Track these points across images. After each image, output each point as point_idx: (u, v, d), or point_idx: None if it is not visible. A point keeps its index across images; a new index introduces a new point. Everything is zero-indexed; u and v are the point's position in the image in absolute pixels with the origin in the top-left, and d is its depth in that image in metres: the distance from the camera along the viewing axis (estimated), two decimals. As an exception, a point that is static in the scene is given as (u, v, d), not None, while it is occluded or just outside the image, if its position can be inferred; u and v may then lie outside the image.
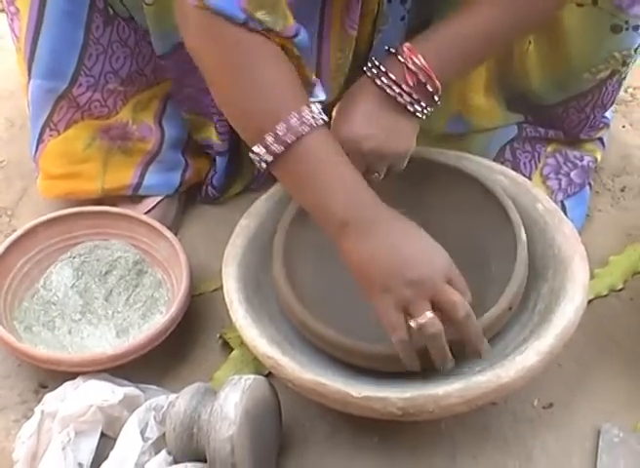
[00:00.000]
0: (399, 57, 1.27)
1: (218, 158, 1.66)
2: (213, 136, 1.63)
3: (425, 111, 1.29)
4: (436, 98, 1.28)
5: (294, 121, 1.18)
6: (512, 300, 1.26)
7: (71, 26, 1.44)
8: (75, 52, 1.46)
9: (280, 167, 1.21)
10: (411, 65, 1.25)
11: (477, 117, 1.62)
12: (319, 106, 1.22)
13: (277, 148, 1.18)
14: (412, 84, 1.26)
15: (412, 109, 1.28)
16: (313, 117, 1.19)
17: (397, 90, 1.26)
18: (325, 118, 1.21)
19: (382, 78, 1.27)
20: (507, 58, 1.55)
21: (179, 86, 1.57)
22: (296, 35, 1.23)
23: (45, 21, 1.43)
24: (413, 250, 1.18)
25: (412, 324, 1.14)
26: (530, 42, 1.52)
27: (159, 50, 1.48)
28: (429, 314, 1.14)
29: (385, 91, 1.27)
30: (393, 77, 1.26)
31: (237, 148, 1.67)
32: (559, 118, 1.65)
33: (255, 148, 1.21)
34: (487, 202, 1.36)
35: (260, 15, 1.17)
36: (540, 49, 1.54)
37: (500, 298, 1.24)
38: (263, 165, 1.21)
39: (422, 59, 1.25)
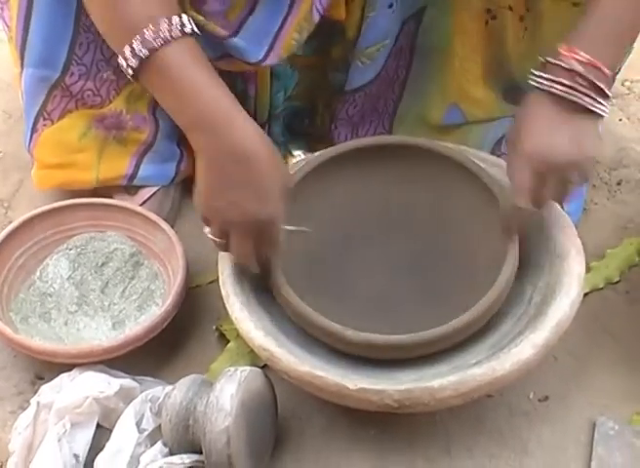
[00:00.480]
0: (561, 62, 1.23)
1: None
2: None
3: (605, 107, 1.25)
4: (608, 90, 1.24)
5: (148, 34, 1.17)
6: (502, 292, 1.26)
7: (61, 14, 1.43)
8: (66, 40, 1.45)
9: (142, 79, 1.22)
10: (577, 65, 1.22)
11: (474, 108, 1.62)
12: (185, 19, 1.19)
13: (133, 63, 1.19)
14: (586, 83, 1.22)
15: (594, 109, 1.23)
16: (170, 30, 1.18)
17: (576, 93, 1.22)
18: (187, 30, 1.19)
19: (557, 86, 1.23)
20: (501, 47, 1.56)
21: None
22: None
23: (35, 10, 1.41)
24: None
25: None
26: (525, 29, 1.52)
27: None
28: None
29: (565, 98, 1.23)
30: (567, 82, 1.22)
31: None
32: None
33: (119, 60, 1.21)
34: (482, 197, 1.36)
35: None
36: (533, 37, 1.54)
37: (492, 288, 1.25)
38: (129, 75, 1.22)
39: (585, 54, 1.22)
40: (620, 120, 1.91)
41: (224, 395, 1.20)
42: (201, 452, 1.21)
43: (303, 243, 1.39)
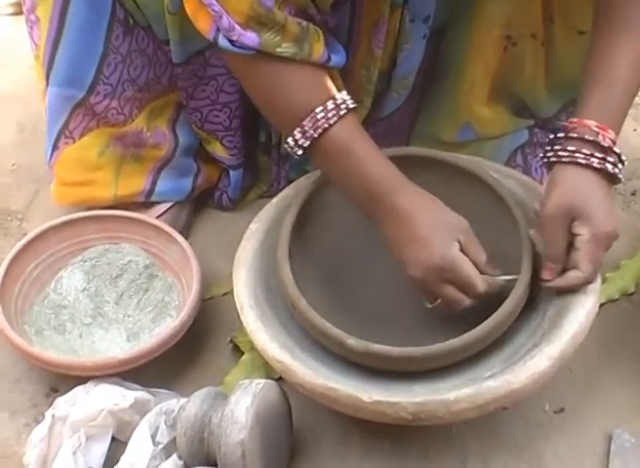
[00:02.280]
0: (584, 134, 1.25)
1: (231, 172, 1.67)
2: (219, 151, 1.64)
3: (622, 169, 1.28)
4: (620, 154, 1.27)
5: (319, 116, 1.25)
6: (517, 304, 1.26)
7: (91, 36, 1.44)
8: (94, 61, 1.46)
9: (311, 155, 1.31)
10: (601, 138, 1.24)
11: (485, 126, 1.63)
12: (344, 96, 1.28)
13: (304, 142, 1.27)
14: (612, 154, 1.25)
15: (620, 175, 1.27)
16: (337, 110, 1.26)
17: (605, 164, 1.24)
18: (350, 106, 1.27)
19: (592, 159, 1.24)
20: (517, 72, 1.56)
21: (188, 97, 1.57)
22: (325, 62, 1.28)
23: (65, 30, 1.43)
24: (422, 232, 1.24)
25: (427, 305, 1.28)
26: (545, 54, 1.53)
27: (176, 57, 1.49)
28: (438, 300, 1.26)
29: (601, 169, 1.24)
30: (598, 154, 1.24)
31: (252, 160, 1.68)
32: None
33: (288, 140, 1.30)
34: (496, 207, 1.36)
35: (280, 49, 1.24)
36: (548, 62, 1.55)
37: (506, 301, 1.25)
38: (296, 155, 1.30)
39: (595, 123, 1.25)
40: (635, 130, 1.90)
41: (239, 408, 1.20)
42: (216, 465, 1.21)
43: (317, 254, 1.39)
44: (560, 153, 1.25)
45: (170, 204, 1.65)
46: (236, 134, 1.62)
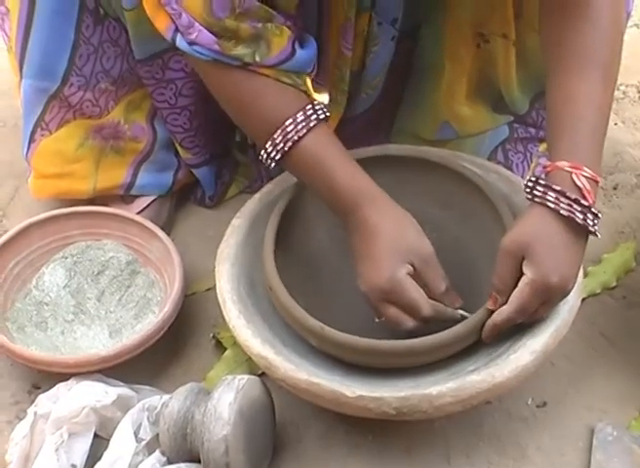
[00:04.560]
0: (557, 178, 1.20)
1: (196, 171, 1.67)
2: (180, 152, 1.64)
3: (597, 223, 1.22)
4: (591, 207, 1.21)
5: (289, 128, 1.25)
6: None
7: (62, 26, 1.44)
8: (66, 51, 1.45)
9: (284, 166, 1.33)
10: (575, 178, 1.20)
11: (465, 125, 1.63)
12: (315, 106, 1.27)
13: (275, 155, 1.28)
14: (590, 199, 1.20)
15: (593, 229, 1.20)
16: (307, 121, 1.26)
17: (576, 213, 1.19)
18: (320, 116, 1.27)
19: (563, 205, 1.19)
20: (492, 68, 1.56)
21: (151, 96, 1.57)
22: (283, 62, 1.27)
23: (35, 21, 1.42)
24: (377, 251, 1.24)
25: (375, 319, 1.27)
26: (517, 54, 1.53)
27: (137, 55, 1.49)
28: (382, 318, 1.26)
29: (570, 218, 1.19)
30: (567, 201, 1.19)
31: (228, 155, 1.68)
32: (536, 122, 1.66)
33: (261, 153, 1.30)
34: (479, 202, 1.36)
35: (235, 51, 1.23)
36: (521, 63, 1.56)
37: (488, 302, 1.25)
38: (270, 166, 1.30)
39: (567, 163, 1.21)
40: (616, 124, 1.91)
41: (222, 403, 1.20)
42: (199, 461, 1.21)
43: (301, 251, 1.39)
44: (534, 192, 1.22)
45: (151, 199, 1.65)
46: (197, 133, 1.62)
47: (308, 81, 1.32)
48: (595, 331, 1.48)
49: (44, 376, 1.40)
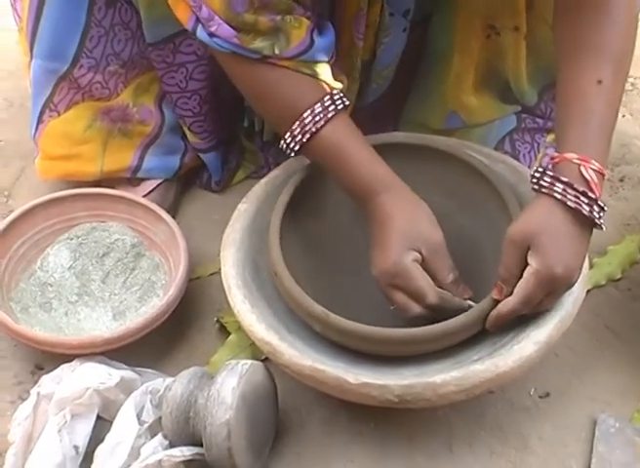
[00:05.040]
0: (565, 169, 1.20)
1: (204, 156, 1.67)
2: (188, 136, 1.64)
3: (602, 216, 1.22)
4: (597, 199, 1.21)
5: (307, 120, 1.26)
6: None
7: (73, 8, 1.44)
8: (77, 33, 1.45)
9: (305, 155, 1.34)
10: (584, 171, 1.20)
11: (472, 115, 1.63)
12: (333, 96, 1.28)
13: (294, 146, 1.29)
14: (597, 192, 1.20)
15: (599, 221, 1.20)
16: (325, 112, 1.26)
17: (585, 204, 1.19)
18: (339, 107, 1.28)
19: (569, 196, 1.19)
20: (501, 61, 1.56)
21: (161, 80, 1.56)
22: (302, 53, 1.27)
23: (47, 2, 1.42)
24: (388, 237, 1.25)
25: (391, 307, 1.27)
26: (527, 46, 1.53)
27: (148, 38, 1.49)
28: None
29: (580, 211, 1.19)
30: (574, 192, 1.19)
31: (236, 141, 1.68)
32: (545, 113, 1.66)
33: (281, 143, 1.31)
34: (486, 191, 1.36)
35: (255, 44, 1.24)
36: (531, 55, 1.56)
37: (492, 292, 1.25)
38: (291, 155, 1.32)
39: (575, 155, 1.21)
40: (624, 116, 1.90)
41: (225, 388, 1.20)
42: (201, 445, 1.21)
43: (307, 237, 1.39)
44: (541, 183, 1.22)
45: (157, 182, 1.65)
46: (206, 118, 1.62)
47: (328, 69, 1.32)
48: (599, 323, 1.48)
49: (47, 357, 1.40)
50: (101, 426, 1.26)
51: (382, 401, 1.18)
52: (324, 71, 1.31)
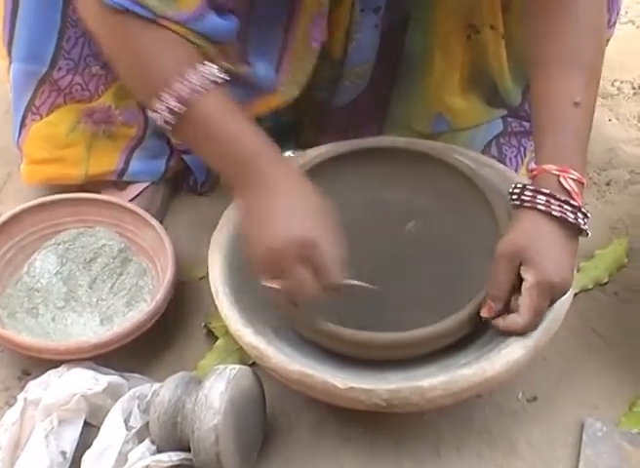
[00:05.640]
0: (545, 181, 1.22)
1: (187, 157, 1.66)
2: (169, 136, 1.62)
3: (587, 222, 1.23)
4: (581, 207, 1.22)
5: (180, 88, 1.20)
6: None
7: (48, 9, 1.43)
8: (53, 35, 1.45)
9: (177, 131, 1.25)
10: (563, 181, 1.21)
11: (458, 117, 1.63)
12: (214, 68, 1.22)
13: (168, 118, 1.22)
14: (579, 201, 1.21)
15: (584, 227, 1.22)
16: (202, 82, 1.21)
17: (569, 212, 1.20)
18: (215, 78, 1.22)
19: (553, 206, 1.20)
20: (483, 59, 1.56)
21: None
22: (190, 20, 1.24)
23: (21, 5, 1.42)
24: (300, 203, 1.20)
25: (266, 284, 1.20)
26: (506, 46, 1.54)
27: None
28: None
29: (563, 218, 1.20)
30: (558, 202, 1.20)
31: None
32: (529, 115, 1.67)
33: (150, 114, 1.25)
34: (472, 194, 1.36)
35: (148, 1, 1.20)
36: (511, 55, 1.56)
37: (477, 294, 1.25)
38: (165, 128, 1.24)
39: (554, 166, 1.22)
40: (610, 120, 1.91)
41: (213, 393, 1.20)
42: (189, 450, 1.21)
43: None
44: (522, 197, 1.23)
45: (144, 186, 1.64)
46: None
47: (214, 48, 1.31)
48: (587, 327, 1.48)
49: (34, 363, 1.39)
50: (89, 432, 1.26)
51: (370, 405, 1.18)
52: (210, 47, 1.29)
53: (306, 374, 1.19)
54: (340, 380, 1.18)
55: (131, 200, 1.60)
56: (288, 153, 1.68)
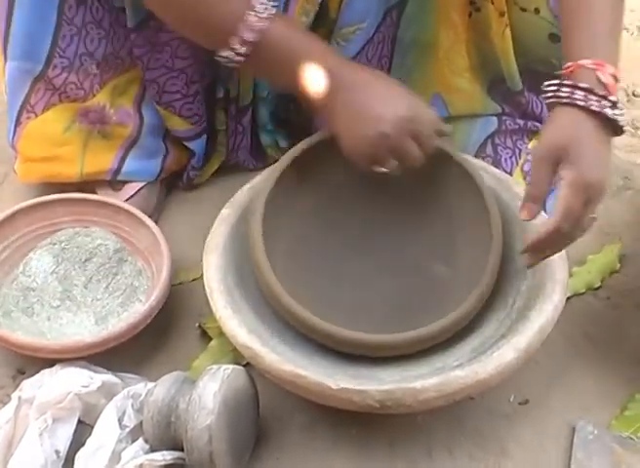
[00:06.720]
0: (582, 75, 1.20)
1: (192, 143, 1.67)
2: (178, 125, 1.64)
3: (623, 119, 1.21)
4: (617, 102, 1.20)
5: (252, 21, 1.26)
6: (483, 294, 1.28)
7: (44, 7, 1.44)
8: (49, 33, 1.46)
9: (253, 62, 1.31)
10: (601, 75, 1.19)
11: (457, 99, 1.64)
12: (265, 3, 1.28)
13: (244, 50, 1.28)
14: (616, 95, 1.19)
15: (622, 123, 1.20)
16: (266, 9, 1.27)
17: (607, 107, 1.18)
18: (273, 10, 1.28)
19: (592, 102, 1.18)
20: (486, 39, 1.57)
21: (145, 68, 1.56)
22: None
23: (17, 2, 1.43)
24: (389, 91, 1.30)
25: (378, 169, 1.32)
26: (506, 25, 1.54)
27: (131, 21, 1.48)
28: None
29: (605, 115, 1.18)
30: (596, 97, 1.18)
31: (210, 125, 1.69)
32: (528, 102, 1.67)
33: (222, 53, 1.30)
34: (466, 184, 1.36)
35: None
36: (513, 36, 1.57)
37: (471, 293, 1.26)
38: (235, 65, 1.31)
39: (589, 61, 1.20)
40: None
41: (207, 393, 1.20)
42: (182, 450, 1.21)
43: (287, 238, 1.39)
44: (559, 94, 1.20)
45: (139, 186, 1.65)
46: (195, 99, 1.62)
47: None
48: (579, 331, 1.49)
49: (28, 362, 1.40)
50: (83, 430, 1.26)
51: (363, 406, 1.19)
52: None
53: (300, 375, 1.20)
54: (333, 381, 1.19)
55: (126, 200, 1.61)
56: (284, 144, 1.71)
